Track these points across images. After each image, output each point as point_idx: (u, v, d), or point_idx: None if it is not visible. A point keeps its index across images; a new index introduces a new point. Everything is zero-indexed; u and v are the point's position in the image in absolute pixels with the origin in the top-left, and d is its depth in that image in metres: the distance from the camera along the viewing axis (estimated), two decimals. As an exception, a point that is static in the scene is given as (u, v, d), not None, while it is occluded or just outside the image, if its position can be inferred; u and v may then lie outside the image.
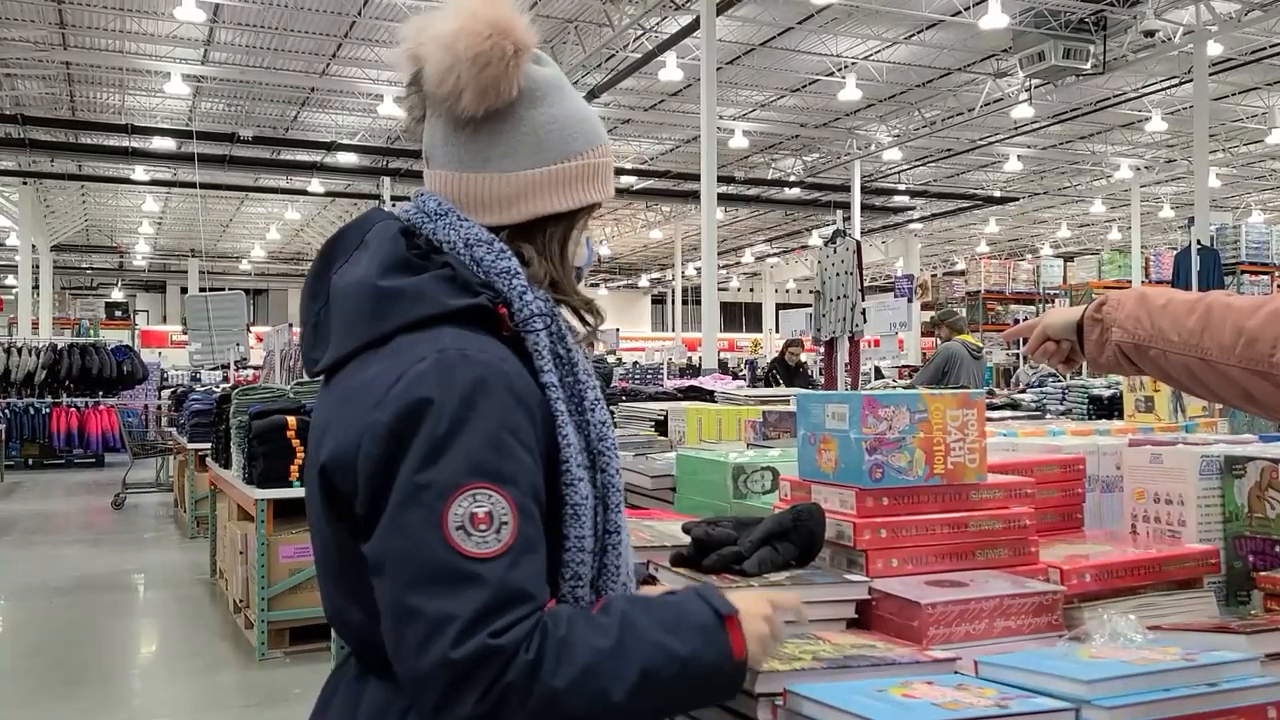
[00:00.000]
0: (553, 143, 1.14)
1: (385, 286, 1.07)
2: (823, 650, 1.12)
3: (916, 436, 1.36)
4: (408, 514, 0.96)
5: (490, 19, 1.08)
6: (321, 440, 1.07)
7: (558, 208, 1.15)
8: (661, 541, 1.41)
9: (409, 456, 0.98)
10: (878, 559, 1.31)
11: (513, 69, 1.10)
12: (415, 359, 1.02)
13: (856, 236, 9.45)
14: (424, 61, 1.11)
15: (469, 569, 0.94)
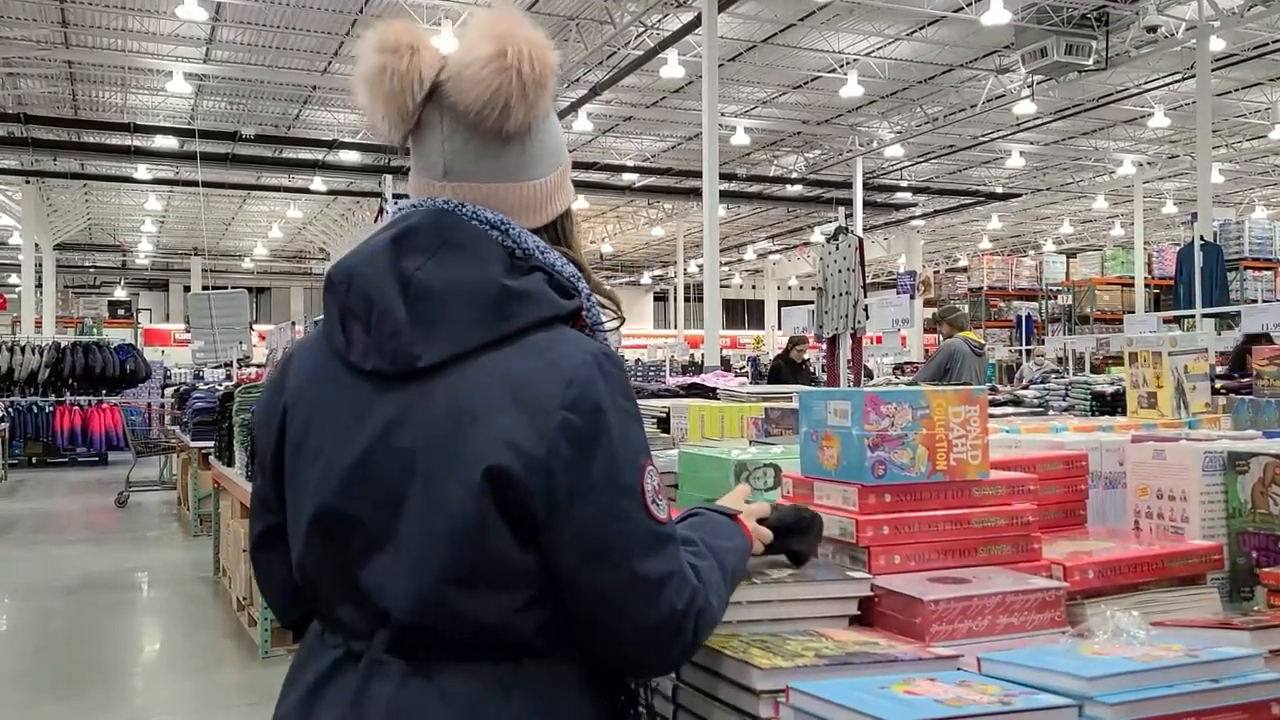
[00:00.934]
0: (557, 147, 1.23)
1: (513, 287, 1.11)
2: (825, 647, 1.12)
3: (919, 433, 1.35)
4: (622, 501, 1.06)
5: (542, 43, 1.14)
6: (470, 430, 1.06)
7: (566, 205, 1.25)
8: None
9: (600, 453, 1.06)
10: (880, 556, 1.31)
11: (551, 88, 1.17)
12: (573, 360, 1.09)
13: (858, 233, 9.42)
14: (453, 78, 1.14)
15: (666, 532, 1.09)
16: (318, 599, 1.17)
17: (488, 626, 1.07)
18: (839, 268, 6.71)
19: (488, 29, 1.14)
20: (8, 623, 6.86)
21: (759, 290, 41.62)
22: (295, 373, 1.20)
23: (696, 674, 1.15)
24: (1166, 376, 2.19)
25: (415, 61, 1.15)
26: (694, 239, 32.55)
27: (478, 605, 1.06)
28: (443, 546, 1.06)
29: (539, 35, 1.15)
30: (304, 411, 1.17)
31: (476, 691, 1.06)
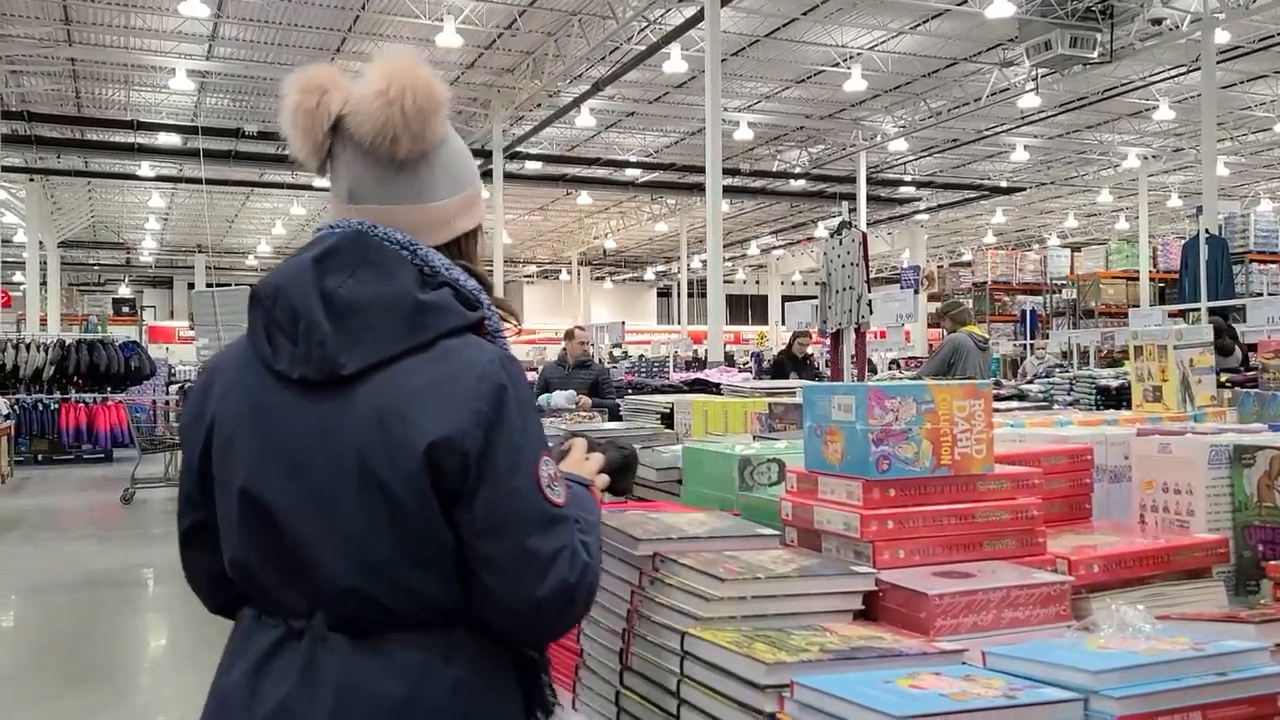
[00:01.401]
0: (461, 173, 1.37)
1: (425, 301, 1.24)
2: (829, 642, 1.12)
3: (923, 427, 1.35)
4: (518, 483, 1.19)
5: (426, 79, 1.29)
6: (401, 429, 1.19)
7: (470, 225, 1.38)
8: (668, 534, 1.41)
9: (503, 440, 1.19)
10: (884, 550, 1.31)
11: (439, 117, 1.31)
12: (482, 361, 1.22)
13: (861, 228, 9.40)
14: (352, 114, 1.28)
15: (559, 514, 1.21)
16: (253, 586, 1.29)
17: (427, 598, 1.20)
18: (843, 262, 6.69)
19: (379, 69, 1.29)
20: (14, 620, 6.88)
21: (763, 285, 41.58)
22: (221, 379, 1.32)
23: (699, 668, 1.15)
24: (1172, 370, 2.18)
25: (324, 100, 1.30)
26: (697, 234, 32.51)
27: (418, 580, 1.19)
28: (385, 530, 1.19)
29: (424, 74, 1.29)
30: (231, 415, 1.28)
31: (419, 658, 1.20)
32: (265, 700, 1.23)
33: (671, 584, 1.28)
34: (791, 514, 1.47)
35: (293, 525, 1.22)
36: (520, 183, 24.55)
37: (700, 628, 1.18)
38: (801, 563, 1.30)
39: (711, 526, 1.47)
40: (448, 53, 16.75)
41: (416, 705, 1.19)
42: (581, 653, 1.50)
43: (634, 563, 1.38)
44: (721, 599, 1.20)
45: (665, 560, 1.33)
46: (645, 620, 1.31)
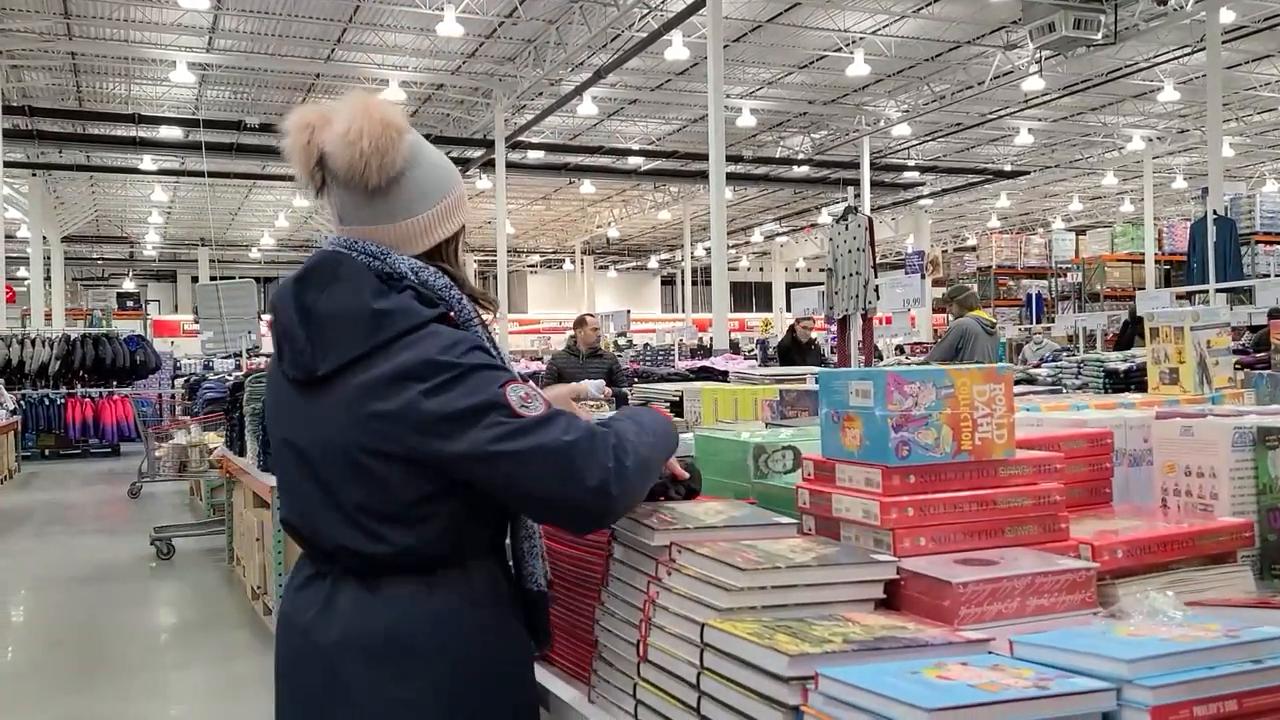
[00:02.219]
0: (431, 190, 1.57)
1: (381, 308, 1.45)
2: (853, 632, 1.10)
3: (943, 413, 1.33)
4: (488, 416, 1.38)
5: (379, 117, 1.49)
6: (362, 411, 1.43)
7: (446, 233, 1.59)
8: (684, 524, 1.38)
9: (460, 393, 1.39)
10: (905, 538, 1.29)
11: (398, 149, 1.50)
12: (423, 346, 1.42)
13: (867, 213, 9.33)
14: (329, 152, 1.50)
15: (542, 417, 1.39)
16: (295, 538, 1.60)
17: (403, 547, 1.45)
18: (849, 248, 6.65)
19: (342, 111, 1.51)
20: (24, 615, 6.89)
21: (766, 273, 41.48)
22: (268, 377, 1.67)
23: (720, 660, 1.13)
24: (1189, 352, 2.15)
25: (312, 138, 1.52)
26: (700, 222, 32.42)
27: (391, 531, 1.44)
28: (361, 495, 1.45)
29: (379, 113, 1.49)
30: (270, 405, 1.64)
31: (407, 594, 1.46)
32: (294, 627, 1.53)
33: (689, 574, 1.26)
34: (809, 502, 1.45)
35: (304, 499, 1.52)
36: (523, 172, 24.50)
37: (720, 619, 1.16)
38: (820, 551, 1.28)
39: (728, 515, 1.44)
40: (448, 42, 16.68)
41: (399, 634, 1.44)
42: (597, 644, 1.48)
43: (650, 553, 1.36)
44: (741, 589, 1.18)
45: (682, 550, 1.31)
46: (663, 611, 1.29)
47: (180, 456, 8.50)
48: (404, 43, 17.29)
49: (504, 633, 1.50)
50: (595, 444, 1.37)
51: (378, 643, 1.44)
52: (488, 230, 30.27)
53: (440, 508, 1.44)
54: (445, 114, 21.60)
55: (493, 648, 1.48)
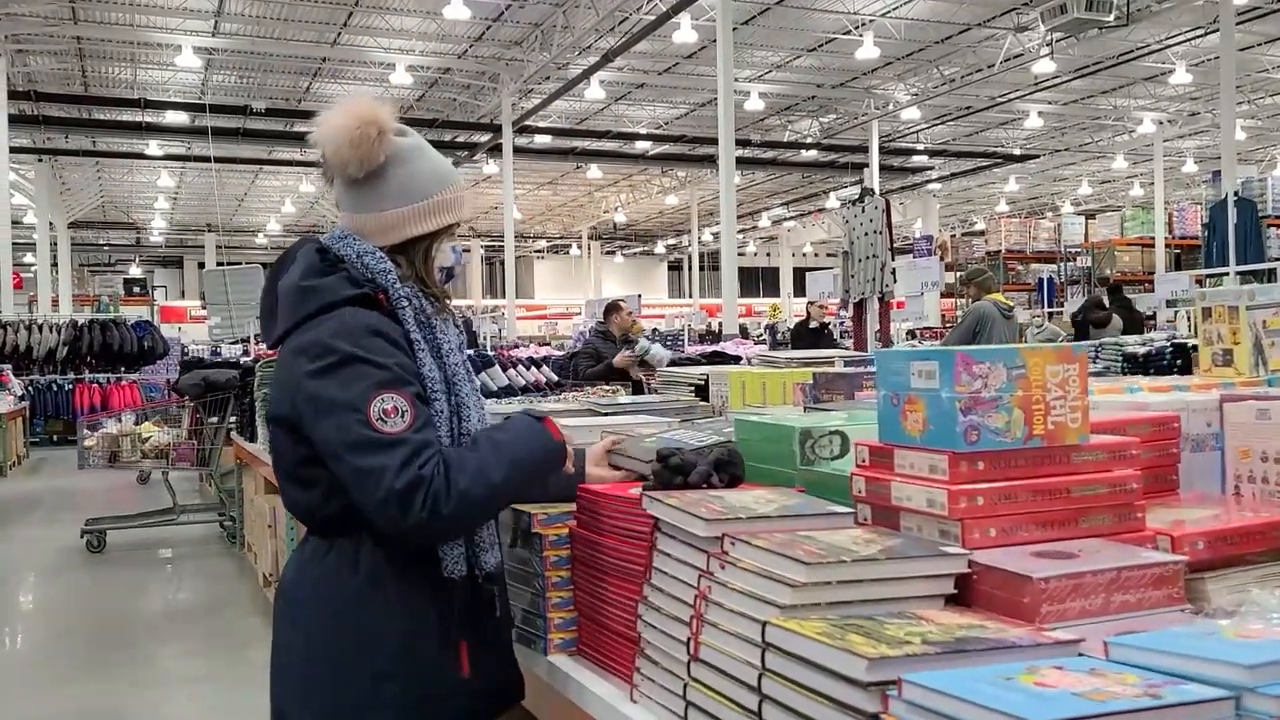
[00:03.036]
0: (414, 189, 1.71)
1: (305, 285, 1.65)
2: (930, 632, 1.02)
3: (1014, 395, 1.24)
4: (348, 417, 1.53)
5: (360, 114, 1.65)
6: (276, 383, 1.68)
7: (419, 232, 1.72)
8: (735, 514, 1.30)
9: (328, 386, 1.55)
10: (974, 529, 1.20)
11: (377, 146, 1.66)
12: (327, 328, 1.59)
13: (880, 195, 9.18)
14: (321, 145, 1.67)
15: (391, 439, 1.52)
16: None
17: (308, 508, 1.67)
18: (865, 230, 6.54)
19: (340, 107, 1.68)
20: (34, 602, 6.85)
21: (774, 258, 41.32)
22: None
23: (785, 662, 1.05)
24: (1244, 332, 2.06)
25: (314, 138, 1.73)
26: (708, 207, 32.27)
27: (295, 493, 1.68)
28: (276, 457, 1.70)
29: (371, 109, 1.66)
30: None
31: (310, 552, 1.68)
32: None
33: (746, 568, 1.18)
34: (864, 489, 1.37)
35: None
36: (529, 157, 24.36)
37: (783, 617, 1.08)
38: (885, 543, 1.20)
39: (780, 504, 1.36)
40: (455, 25, 16.55)
41: (294, 585, 1.68)
42: (640, 639, 1.40)
43: (699, 544, 1.28)
44: (805, 585, 1.10)
45: (736, 542, 1.23)
46: (717, 608, 1.21)
47: (111, 446, 8.04)
48: (410, 26, 17.15)
49: (387, 609, 1.60)
50: (419, 481, 1.48)
51: (284, 589, 1.70)
52: (494, 216, 30.16)
53: (319, 472, 1.60)
54: (452, 99, 21.47)
55: (367, 619, 1.60)
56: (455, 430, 1.63)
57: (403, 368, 1.59)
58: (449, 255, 1.79)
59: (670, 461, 1.50)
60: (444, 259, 1.77)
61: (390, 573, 1.61)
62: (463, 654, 1.64)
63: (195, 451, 8.05)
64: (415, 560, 1.62)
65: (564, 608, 1.66)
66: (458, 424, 1.64)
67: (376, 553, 1.61)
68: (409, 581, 1.62)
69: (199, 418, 8.14)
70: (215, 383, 8.01)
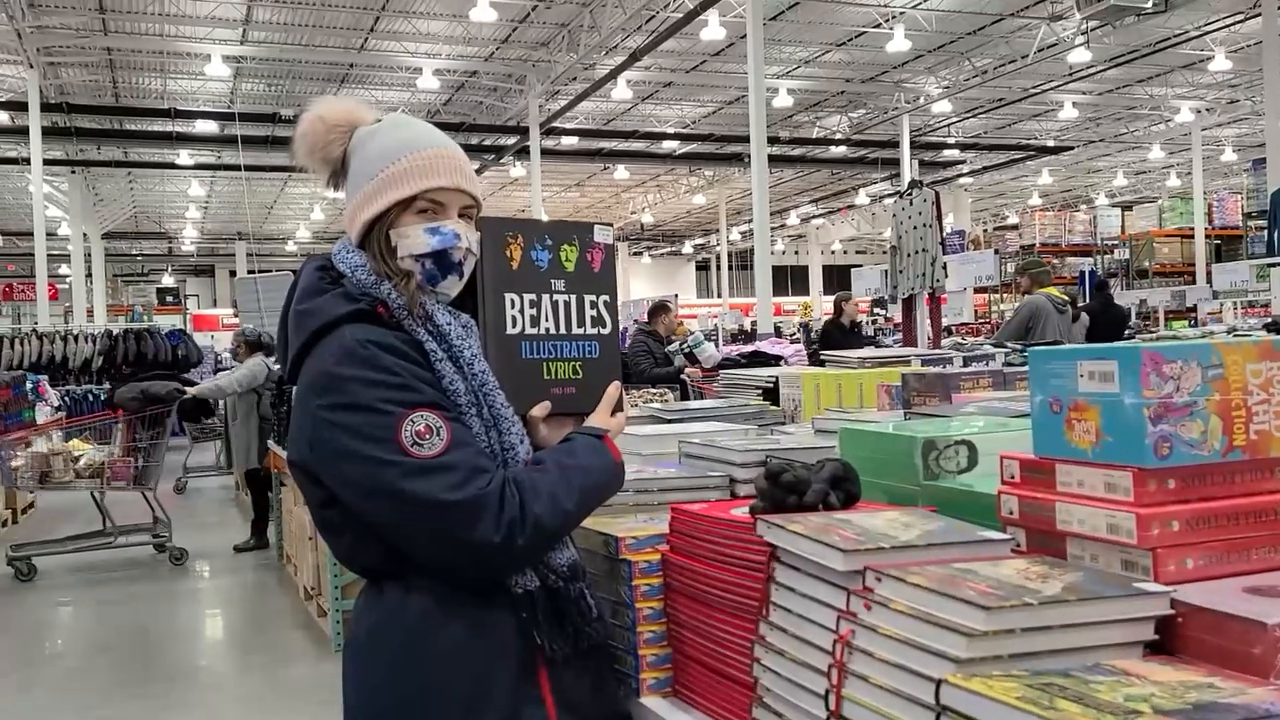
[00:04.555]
0: (362, 174, 1.53)
1: (300, 309, 1.49)
2: (1154, 695, 0.83)
3: (1211, 399, 1.05)
4: (375, 451, 1.34)
5: (318, 114, 1.54)
6: (292, 430, 1.48)
7: (368, 216, 1.51)
8: (875, 542, 1.12)
9: (345, 419, 1.36)
10: (1169, 560, 1.02)
11: (325, 140, 1.54)
12: (328, 354, 1.41)
13: (908, 187, 8.87)
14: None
15: (433, 464, 1.33)
16: None
17: (346, 554, 1.50)
18: (914, 224, 6.33)
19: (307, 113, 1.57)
20: (73, 617, 6.76)
21: (802, 256, 41.00)
22: None
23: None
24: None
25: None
26: (735, 206, 32.02)
27: (331, 539, 1.50)
28: (312, 511, 1.51)
29: (314, 111, 1.54)
30: None
31: (363, 602, 1.51)
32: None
33: (900, 610, 1.00)
34: (1017, 510, 1.18)
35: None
36: (556, 158, 24.24)
37: (961, 674, 0.90)
38: (1065, 579, 1.01)
39: (921, 529, 1.18)
40: (481, 28, 16.44)
41: (355, 639, 1.49)
42: (756, 686, 1.22)
43: (836, 579, 1.10)
44: (985, 634, 0.91)
45: (884, 578, 1.04)
46: (864, 657, 1.02)
47: (41, 466, 7.48)
48: (437, 30, 17.07)
49: (448, 655, 1.41)
50: (486, 501, 1.32)
51: (348, 646, 1.52)
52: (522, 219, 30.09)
53: (341, 515, 1.43)
54: (479, 102, 21.38)
55: (426, 670, 1.41)
56: (495, 446, 1.43)
57: (424, 382, 1.39)
58: (421, 239, 1.46)
59: (782, 479, 1.32)
60: (413, 244, 1.46)
61: (447, 611, 1.41)
62: (545, 691, 1.42)
63: (132, 469, 7.56)
64: (473, 590, 1.42)
65: (657, 643, 1.48)
66: (497, 438, 1.44)
67: (430, 589, 1.41)
68: (467, 616, 1.41)
69: (135, 434, 7.65)
70: (155, 395, 7.65)
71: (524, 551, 1.36)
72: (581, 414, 1.56)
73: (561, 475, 1.39)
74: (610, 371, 1.60)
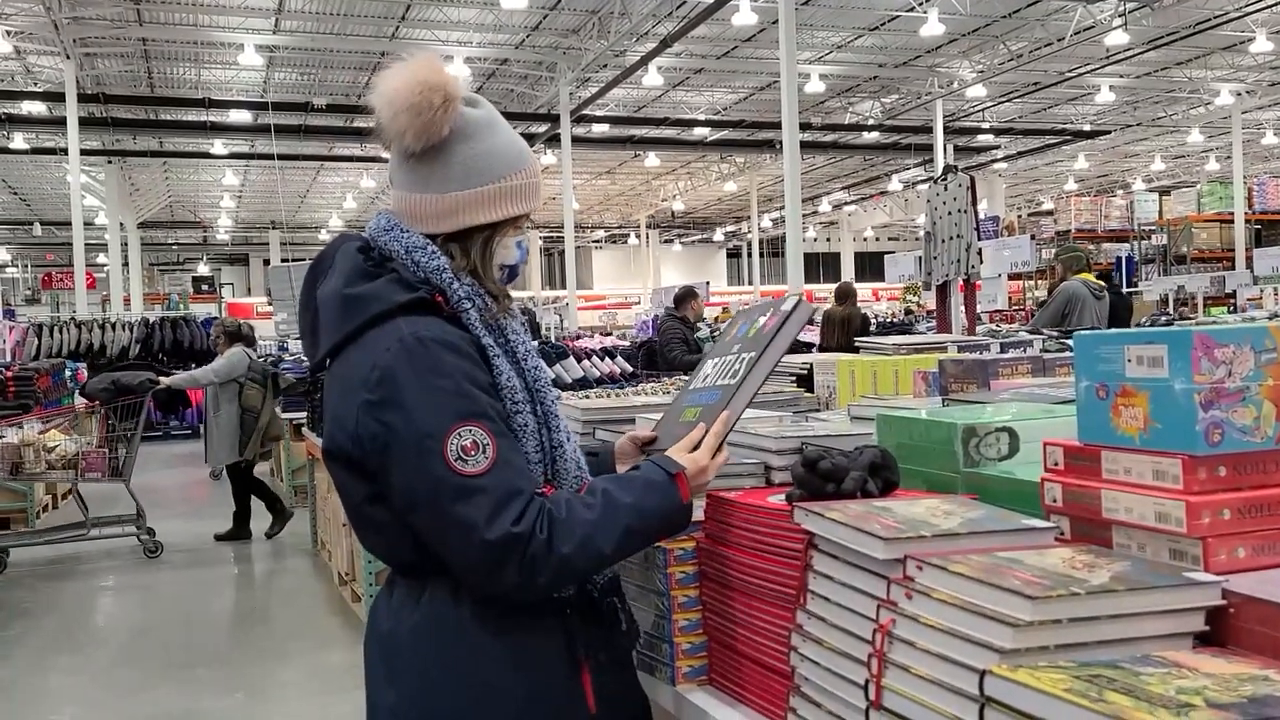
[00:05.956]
0: (479, 170, 1.46)
1: (349, 294, 1.42)
2: (1206, 689, 0.81)
3: (1264, 385, 1.03)
4: (425, 461, 1.32)
5: (422, 79, 1.42)
6: (329, 420, 1.43)
7: (482, 220, 1.47)
8: (915, 530, 1.10)
9: (397, 420, 1.33)
10: (1220, 549, 0.99)
11: (440, 116, 1.42)
12: (383, 348, 1.36)
13: (935, 171, 8.74)
14: (375, 109, 1.45)
15: (474, 484, 1.31)
16: None
17: (386, 551, 1.46)
18: (949, 209, 6.26)
19: (400, 69, 1.45)
20: (113, 602, 6.85)
21: (834, 243, 40.74)
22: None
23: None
24: None
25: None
26: (766, 193, 31.84)
27: (373, 541, 1.47)
28: (350, 505, 1.46)
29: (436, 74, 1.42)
30: None
31: (400, 599, 1.46)
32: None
33: (942, 599, 0.98)
34: (1061, 499, 1.16)
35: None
36: (587, 146, 24.22)
37: (1008, 666, 0.88)
38: (1112, 568, 0.99)
39: (962, 517, 1.16)
40: (512, 15, 16.43)
41: (391, 638, 1.45)
42: (794, 675, 1.21)
43: (876, 568, 1.08)
44: (1031, 624, 0.89)
45: (925, 566, 1.03)
46: (905, 647, 1.01)
47: (12, 457, 7.32)
48: (468, 18, 17.08)
49: (501, 654, 1.40)
50: (513, 544, 1.29)
51: (382, 643, 1.48)
52: (553, 206, 30.09)
53: (387, 514, 1.40)
54: (510, 89, 21.39)
55: (480, 669, 1.39)
56: (545, 444, 1.43)
57: (479, 387, 1.36)
58: (513, 251, 1.52)
59: (820, 467, 1.30)
60: (506, 255, 1.51)
61: (496, 610, 1.40)
62: (587, 687, 1.43)
63: (107, 461, 7.45)
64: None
65: (692, 631, 1.47)
66: (546, 436, 1.44)
67: (443, 584, 1.42)
68: (519, 617, 1.41)
69: (111, 424, 7.54)
70: (126, 386, 7.55)
71: (545, 588, 1.35)
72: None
73: (605, 513, 1.35)
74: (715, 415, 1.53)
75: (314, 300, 1.49)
